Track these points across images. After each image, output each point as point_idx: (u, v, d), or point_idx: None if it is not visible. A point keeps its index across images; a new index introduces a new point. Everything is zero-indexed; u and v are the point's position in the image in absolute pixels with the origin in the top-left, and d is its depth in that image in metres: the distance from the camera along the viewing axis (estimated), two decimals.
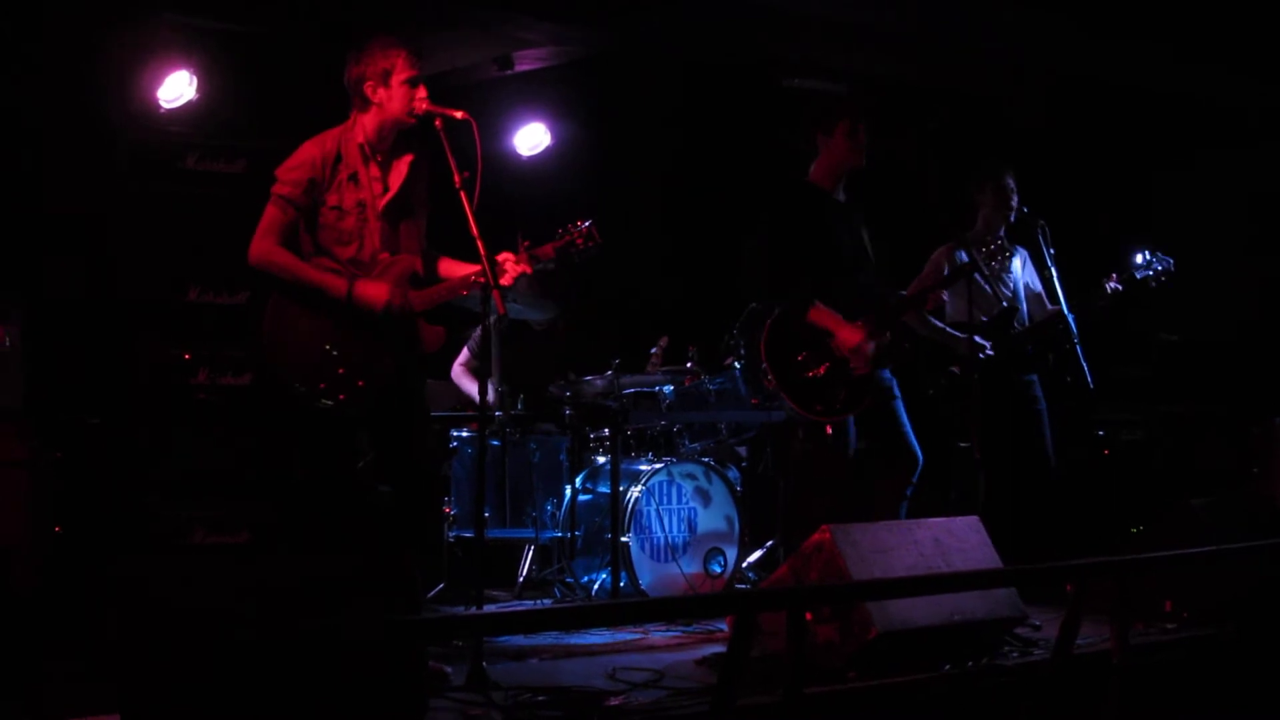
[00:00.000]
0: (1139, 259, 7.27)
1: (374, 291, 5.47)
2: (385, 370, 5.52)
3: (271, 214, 5.49)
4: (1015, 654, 5.79)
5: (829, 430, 6.60)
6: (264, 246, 5.47)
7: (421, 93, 5.53)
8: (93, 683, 4.84)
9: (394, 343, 5.56)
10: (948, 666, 5.49)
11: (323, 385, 5.43)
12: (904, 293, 7.09)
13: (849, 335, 6.59)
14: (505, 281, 5.52)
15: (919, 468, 6.76)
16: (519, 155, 9.25)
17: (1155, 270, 7.26)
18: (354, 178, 5.54)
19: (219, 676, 4.27)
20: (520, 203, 6.05)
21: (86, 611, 5.83)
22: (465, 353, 8.67)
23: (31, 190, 6.86)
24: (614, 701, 5.02)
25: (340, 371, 5.45)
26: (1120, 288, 7.28)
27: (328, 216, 5.52)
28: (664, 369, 8.51)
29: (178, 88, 7.33)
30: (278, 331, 5.51)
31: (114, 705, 4.43)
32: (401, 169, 5.65)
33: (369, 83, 5.52)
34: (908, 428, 6.79)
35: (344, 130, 5.60)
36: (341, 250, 5.53)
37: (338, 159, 5.53)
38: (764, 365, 6.59)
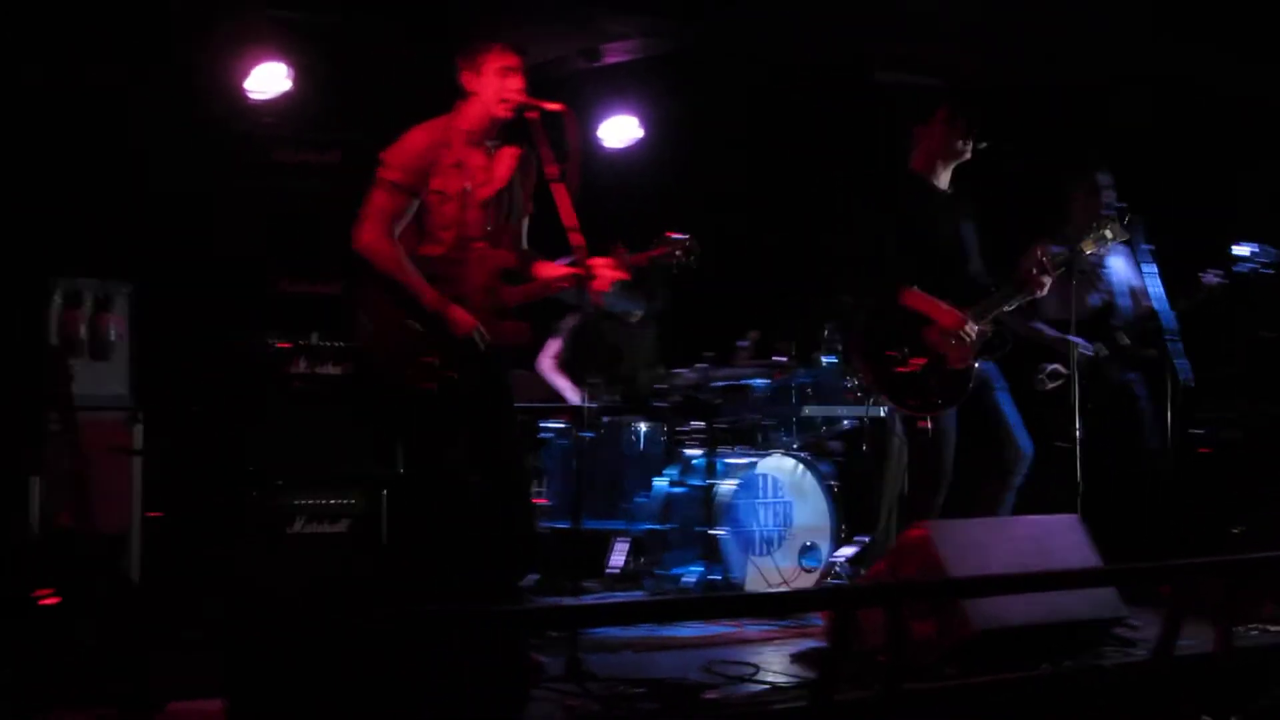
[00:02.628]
0: (1242, 251, 7.16)
1: (460, 318, 5.48)
2: (476, 360, 5.55)
3: (380, 200, 5.50)
4: (1115, 654, 5.74)
5: (927, 425, 6.54)
6: (374, 234, 5.47)
7: (514, 83, 5.54)
8: (194, 667, 4.88)
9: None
10: (1045, 665, 5.45)
11: (411, 372, 5.46)
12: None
13: (948, 317, 6.51)
14: (599, 286, 5.53)
15: (1026, 460, 6.67)
16: (606, 147, 9.25)
17: (1260, 262, 7.15)
18: (459, 165, 5.57)
19: (322, 663, 4.31)
20: (608, 195, 6.06)
21: (189, 598, 5.90)
22: (555, 344, 8.69)
23: (136, 181, 6.94)
24: (711, 695, 5.02)
25: (432, 360, 5.47)
26: (1220, 281, 7.19)
27: (430, 200, 5.54)
28: (754, 362, 8.49)
29: (274, 80, 7.41)
30: (374, 318, 5.54)
31: (215, 690, 4.49)
32: (507, 161, 5.68)
33: (465, 72, 5.57)
34: (1013, 419, 6.70)
35: (450, 119, 5.63)
36: (441, 234, 5.55)
37: (445, 144, 5.56)
38: (857, 359, 6.57)
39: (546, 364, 8.68)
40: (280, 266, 6.83)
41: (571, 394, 8.53)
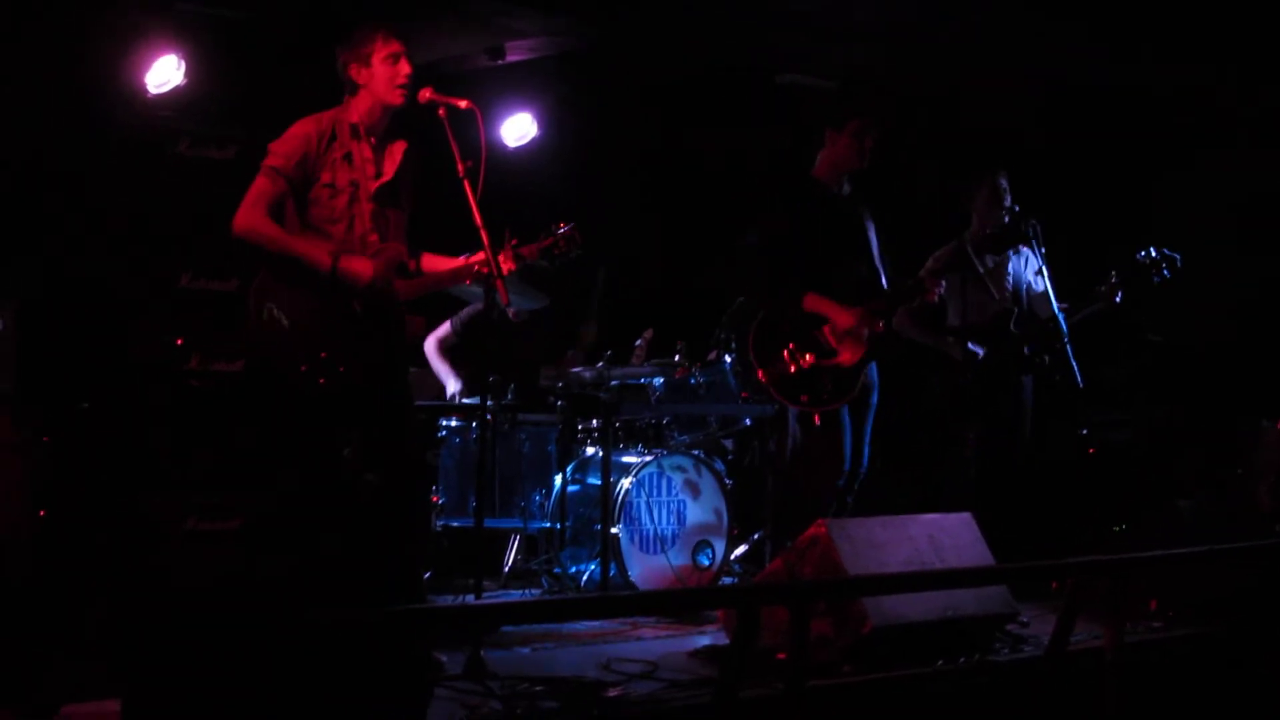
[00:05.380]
0: (1143, 257, 7.27)
1: (359, 267, 5.45)
2: (370, 355, 5.51)
3: (260, 185, 5.47)
4: (1006, 650, 5.83)
5: (817, 420, 6.69)
6: (251, 217, 5.43)
7: (403, 68, 5.54)
8: (88, 668, 4.81)
9: (378, 327, 5.55)
10: (941, 662, 5.52)
11: (304, 368, 5.40)
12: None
13: (843, 318, 6.71)
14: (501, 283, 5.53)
15: (860, 477, 6.91)
16: (505, 146, 9.22)
17: (1162, 267, 7.24)
18: (348, 157, 5.55)
19: (219, 663, 4.27)
20: (505, 194, 6.06)
21: (77, 598, 5.80)
22: (446, 327, 8.61)
23: (23, 175, 6.81)
24: (612, 693, 5.04)
25: (324, 355, 5.41)
26: (1114, 286, 7.29)
27: (320, 194, 5.51)
28: (651, 362, 8.51)
29: (166, 73, 7.30)
30: (263, 312, 5.47)
31: (109, 690, 4.43)
32: (396, 155, 5.67)
33: (352, 65, 5.57)
34: (868, 435, 6.91)
35: (338, 111, 5.62)
36: (331, 229, 5.51)
37: (332, 137, 5.54)
38: (751, 358, 6.68)
39: (431, 345, 8.61)
40: (177, 262, 6.73)
41: (450, 380, 8.51)
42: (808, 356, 6.70)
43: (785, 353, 6.71)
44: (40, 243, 6.78)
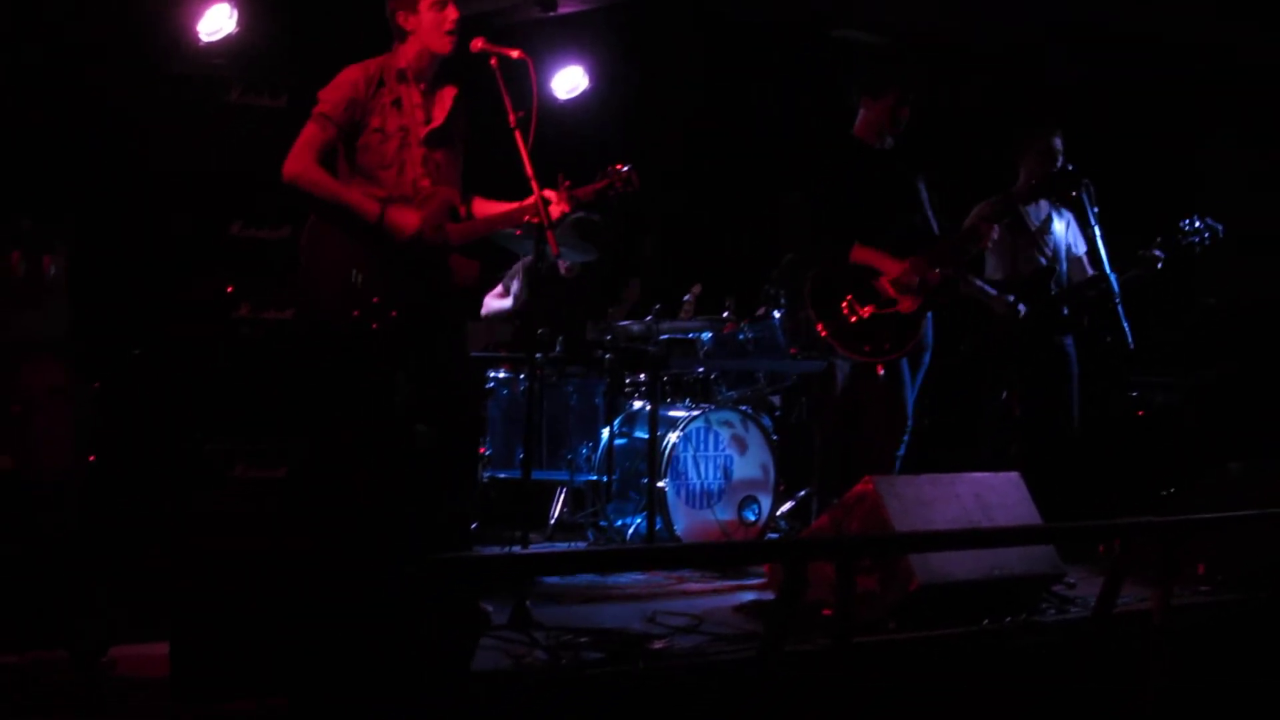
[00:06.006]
0: (1187, 225, 7.22)
1: (405, 218, 5.46)
2: (418, 300, 5.51)
3: (310, 131, 5.49)
4: (1052, 611, 5.82)
5: (880, 371, 6.66)
6: (300, 163, 5.46)
7: (451, 13, 5.52)
8: (137, 611, 4.85)
9: (426, 273, 5.54)
10: (986, 621, 5.51)
11: (356, 313, 5.42)
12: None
13: (893, 268, 6.68)
14: (553, 216, 5.50)
15: (908, 431, 6.87)
16: (556, 98, 9.20)
17: (1204, 236, 7.22)
18: (397, 103, 5.55)
19: (267, 609, 4.30)
20: (556, 146, 6.04)
21: (126, 542, 5.84)
22: (499, 287, 8.70)
23: (76, 120, 6.83)
24: (657, 645, 5.04)
25: (374, 300, 5.42)
26: (1165, 255, 7.26)
27: (370, 139, 5.51)
28: (699, 317, 8.50)
29: (218, 20, 7.29)
30: (313, 257, 5.51)
31: (158, 633, 4.46)
32: (445, 100, 5.66)
33: (400, 12, 5.56)
34: (915, 390, 6.88)
35: (386, 58, 5.61)
36: (383, 174, 5.52)
37: (380, 83, 5.54)
38: (809, 314, 6.63)
39: (489, 298, 8.66)
40: (228, 210, 6.74)
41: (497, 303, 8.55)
42: (867, 308, 6.67)
43: (844, 305, 6.68)
44: (93, 189, 6.80)
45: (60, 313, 6.21)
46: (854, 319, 6.67)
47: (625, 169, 5.69)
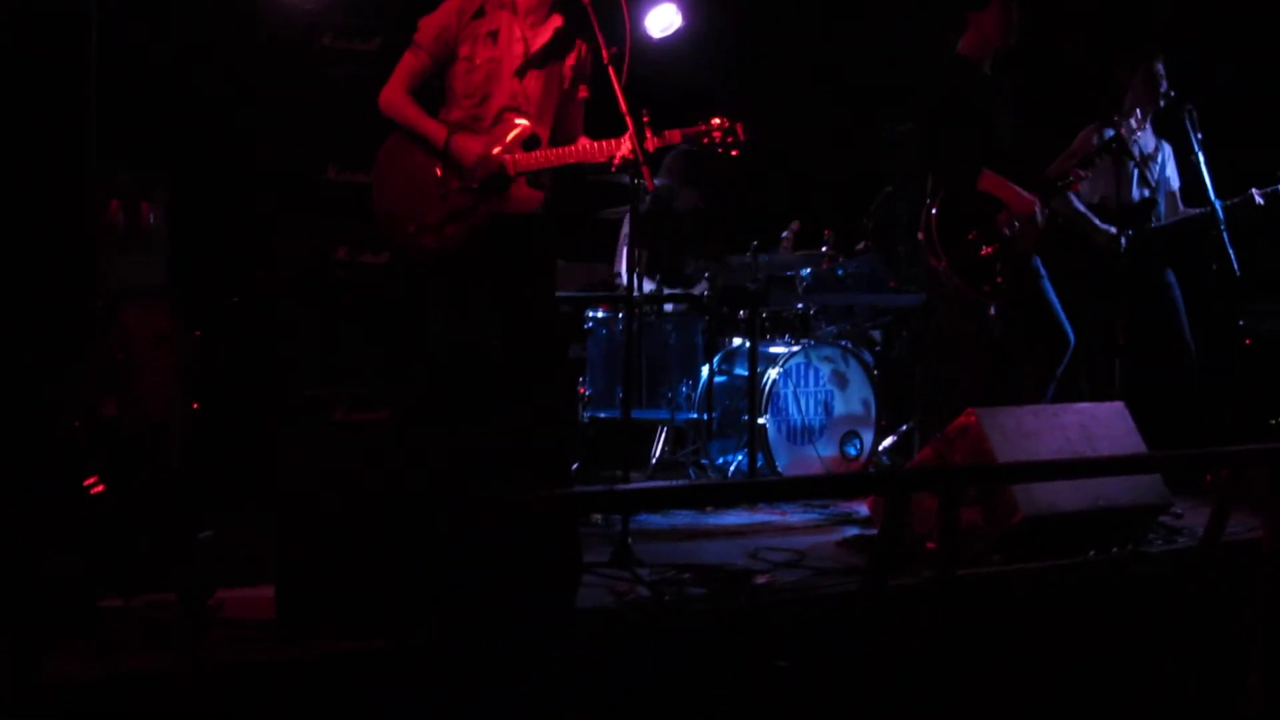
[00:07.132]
0: None
1: (469, 144, 5.46)
2: (479, 220, 5.49)
3: (405, 60, 5.57)
4: (1160, 541, 5.75)
5: (993, 311, 6.52)
6: (391, 92, 5.57)
7: None
8: (243, 554, 4.90)
9: (487, 195, 5.50)
10: (1092, 552, 5.45)
11: (412, 229, 5.51)
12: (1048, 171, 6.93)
13: (1020, 202, 6.48)
14: (623, 155, 5.42)
15: (1070, 348, 6.66)
16: (650, 36, 9.12)
17: None
18: (493, 35, 5.52)
19: (371, 550, 4.33)
20: (649, 85, 5.97)
21: (236, 486, 5.90)
22: (625, 225, 8.63)
23: (174, 69, 6.89)
24: (760, 580, 5.04)
25: (433, 217, 5.48)
26: (1264, 203, 7.14)
27: (458, 68, 5.53)
28: (799, 252, 8.44)
29: None
30: (383, 173, 5.62)
31: (264, 576, 4.51)
32: (545, 32, 5.60)
33: None
34: (1058, 307, 6.68)
35: None
36: (466, 102, 5.53)
37: (478, 13, 5.52)
38: (937, 245, 6.44)
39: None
40: (323, 155, 6.76)
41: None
42: (990, 244, 6.47)
43: (968, 239, 6.47)
44: (191, 138, 6.86)
45: (160, 260, 6.27)
46: (980, 252, 6.46)
47: (728, 123, 5.50)
